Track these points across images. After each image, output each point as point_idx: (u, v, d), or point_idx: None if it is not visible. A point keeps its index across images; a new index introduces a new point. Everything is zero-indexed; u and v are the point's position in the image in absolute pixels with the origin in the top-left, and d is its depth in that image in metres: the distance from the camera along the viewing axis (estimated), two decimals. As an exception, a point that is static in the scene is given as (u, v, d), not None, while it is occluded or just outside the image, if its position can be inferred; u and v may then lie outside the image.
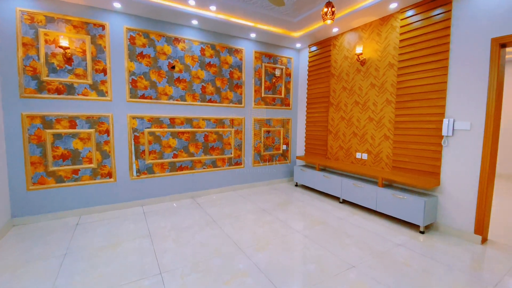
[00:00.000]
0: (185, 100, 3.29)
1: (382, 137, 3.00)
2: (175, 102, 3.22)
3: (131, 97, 2.95)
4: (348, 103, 3.41)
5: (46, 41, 2.49)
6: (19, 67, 2.40)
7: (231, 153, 3.75)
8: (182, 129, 3.30)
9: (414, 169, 2.67)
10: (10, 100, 2.40)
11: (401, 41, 2.74)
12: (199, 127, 3.43)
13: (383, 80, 2.96)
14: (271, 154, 4.20)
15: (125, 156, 2.98)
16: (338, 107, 3.57)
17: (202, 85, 3.41)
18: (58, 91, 2.58)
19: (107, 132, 2.85)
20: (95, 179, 2.83)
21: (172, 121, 3.23)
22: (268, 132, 4.11)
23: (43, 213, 2.59)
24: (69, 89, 2.63)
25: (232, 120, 3.70)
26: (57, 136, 2.61)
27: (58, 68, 2.56)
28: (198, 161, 3.47)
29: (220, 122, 3.59)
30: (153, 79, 3.07)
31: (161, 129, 3.16)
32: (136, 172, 3.06)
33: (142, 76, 2.99)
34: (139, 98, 3.00)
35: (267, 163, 4.16)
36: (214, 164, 3.61)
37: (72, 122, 2.67)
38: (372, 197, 2.81)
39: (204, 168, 3.54)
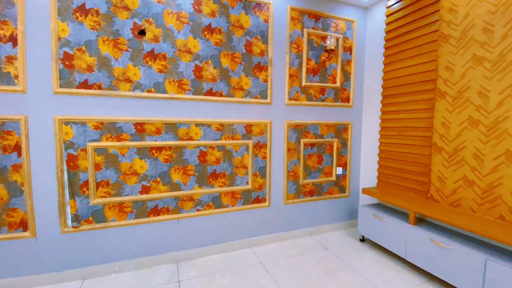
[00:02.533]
0: (163, 91, 2.03)
1: None
2: (146, 94, 1.98)
3: (62, 86, 1.79)
4: (491, 90, 1.74)
5: None
6: None
7: (247, 183, 2.36)
8: (159, 143, 2.03)
9: None
10: None
11: None
12: (190, 139, 2.13)
13: None
14: (317, 183, 2.68)
15: (51, 192, 1.81)
16: (461, 99, 1.91)
17: (197, 65, 2.11)
18: None
19: (17, 148, 1.72)
20: (-6, 234, 1.71)
21: (140, 129, 1.99)
22: (313, 146, 2.62)
23: None
24: None
25: (249, 127, 2.32)
26: None
27: None
28: (188, 197, 2.16)
29: (228, 130, 2.24)
30: (105, 53, 1.87)
31: (118, 143, 1.93)
32: (73, 221, 1.87)
33: (83, 48, 1.82)
34: (78, 87, 1.82)
35: (310, 198, 2.65)
36: (217, 202, 2.26)
37: (-52, 131, 1.59)
38: None
39: (199, 210, 2.21)
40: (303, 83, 2.50)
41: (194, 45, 2.09)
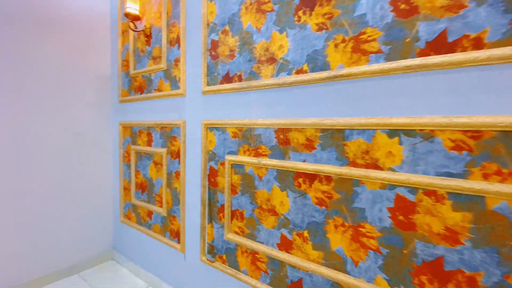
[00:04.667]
0: (323, 66, 1.01)
1: None
2: (293, 77, 1.09)
3: (209, 83, 1.43)
4: None
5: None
6: (119, 64, 2.03)
7: None
8: (309, 166, 1.05)
9: None
10: (114, 106, 2.11)
11: None
12: (373, 164, 0.91)
13: None
14: None
15: (195, 208, 1.54)
16: None
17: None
18: (140, 89, 1.87)
19: (178, 155, 1.63)
20: (164, 236, 1.75)
21: (283, 139, 1.14)
22: None
23: (127, 259, 2.03)
24: (148, 83, 1.80)
25: None
26: (139, 156, 1.92)
27: (141, 53, 1.84)
28: (361, 292, 0.96)
29: (502, 148, 0.71)
30: (247, 26, 1.25)
31: (255, 160, 1.24)
32: (209, 251, 1.48)
33: (226, 28, 1.33)
34: (221, 82, 1.37)
35: None
36: None
37: (149, 135, 1.82)
38: None
39: (385, 334, 0.92)
40: None
41: None
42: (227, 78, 1.34)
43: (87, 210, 2.02)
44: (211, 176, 1.45)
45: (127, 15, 1.64)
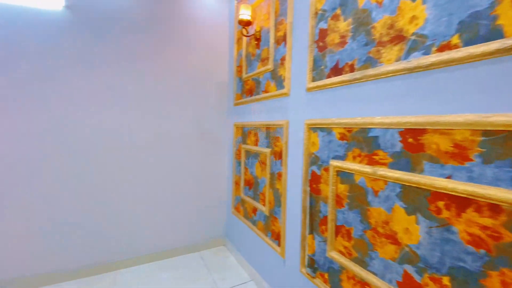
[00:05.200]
0: (489, 35, 0.64)
1: None
2: (433, 57, 0.76)
3: (315, 79, 1.28)
4: None
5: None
6: (234, 70, 2.19)
7: None
8: (458, 185, 0.71)
9: None
10: (230, 109, 2.31)
11: None
12: None
13: None
14: None
15: (296, 213, 1.44)
16: None
17: None
18: (250, 91, 1.94)
19: (281, 156, 1.57)
20: (266, 235, 1.75)
21: (413, 143, 0.83)
22: None
23: (235, 248, 2.19)
24: (257, 86, 1.84)
25: None
26: (248, 154, 2.01)
27: (252, 57, 1.90)
28: None
29: None
30: (363, 4, 1.01)
31: (368, 168, 0.98)
32: (309, 265, 1.33)
33: (337, 12, 1.14)
34: (328, 75, 1.19)
35: None
36: None
37: (256, 135, 1.86)
38: None
39: None
40: None
41: None
42: (336, 70, 1.15)
43: (207, 199, 2.33)
44: (313, 182, 1.29)
45: (240, 21, 1.74)
